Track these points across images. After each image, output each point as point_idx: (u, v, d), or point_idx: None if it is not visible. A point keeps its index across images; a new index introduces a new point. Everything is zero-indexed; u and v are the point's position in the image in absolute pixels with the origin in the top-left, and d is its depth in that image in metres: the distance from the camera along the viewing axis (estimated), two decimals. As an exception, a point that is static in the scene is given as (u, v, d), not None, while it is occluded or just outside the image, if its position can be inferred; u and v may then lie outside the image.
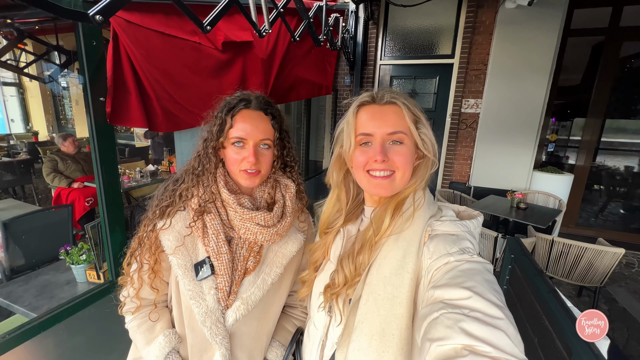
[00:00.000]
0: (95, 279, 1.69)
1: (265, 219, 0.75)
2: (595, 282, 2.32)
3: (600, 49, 3.67)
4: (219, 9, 1.46)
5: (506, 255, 1.72)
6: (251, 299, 0.75)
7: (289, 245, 0.82)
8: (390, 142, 0.60)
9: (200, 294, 0.73)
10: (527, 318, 1.36)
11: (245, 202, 0.77)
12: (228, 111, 0.75)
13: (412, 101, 0.63)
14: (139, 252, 0.76)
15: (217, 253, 0.74)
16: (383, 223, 0.60)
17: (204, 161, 0.77)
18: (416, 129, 0.61)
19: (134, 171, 3.90)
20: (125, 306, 0.79)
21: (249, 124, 0.75)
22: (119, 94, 1.32)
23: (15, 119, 7.27)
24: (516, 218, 2.75)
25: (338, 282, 0.61)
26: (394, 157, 0.59)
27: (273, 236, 0.76)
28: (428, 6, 3.34)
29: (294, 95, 3.08)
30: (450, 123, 3.89)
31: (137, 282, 0.76)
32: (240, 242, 0.78)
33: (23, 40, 3.68)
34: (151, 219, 0.77)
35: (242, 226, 0.75)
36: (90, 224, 1.55)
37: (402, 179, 0.61)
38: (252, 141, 0.75)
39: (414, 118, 0.61)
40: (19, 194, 4.85)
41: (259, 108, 0.77)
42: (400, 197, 0.61)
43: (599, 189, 4.13)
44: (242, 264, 0.77)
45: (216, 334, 0.72)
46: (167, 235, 0.74)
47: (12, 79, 6.87)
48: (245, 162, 0.75)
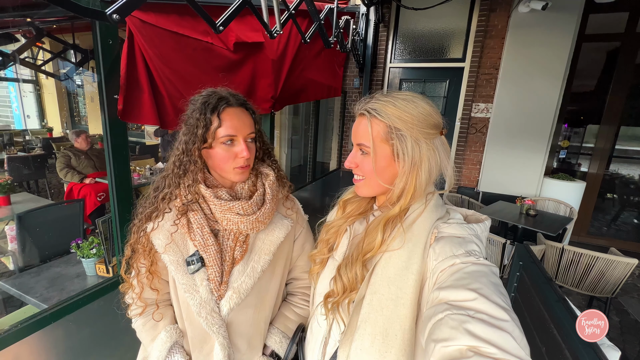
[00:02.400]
0: (105, 272, 1.72)
1: (243, 207, 0.76)
2: (606, 293, 2.27)
3: (615, 55, 3.59)
4: (231, 10, 1.49)
5: (514, 262, 1.69)
6: (242, 288, 0.77)
7: (275, 232, 0.83)
8: (360, 151, 0.63)
9: (193, 286, 0.75)
10: (534, 326, 1.34)
11: (222, 194, 0.78)
12: (212, 111, 0.73)
13: (400, 110, 0.57)
14: (134, 259, 0.78)
15: (204, 245, 0.76)
16: (375, 240, 0.60)
17: (186, 164, 0.76)
18: (389, 140, 0.59)
19: (144, 168, 3.97)
20: (132, 310, 0.82)
21: (236, 121, 0.75)
22: (131, 91, 1.35)
23: (31, 115, 7.47)
24: (525, 225, 2.70)
25: (337, 291, 0.62)
26: (361, 165, 0.63)
27: (254, 224, 0.77)
28: (439, 9, 3.32)
29: (303, 97, 3.10)
30: (460, 127, 3.85)
31: (137, 287, 0.79)
32: (225, 234, 0.79)
33: (41, 39, 3.80)
34: (139, 225, 0.79)
35: (223, 217, 0.76)
36: (101, 219, 1.58)
37: (372, 184, 0.63)
38: (241, 137, 0.75)
39: (386, 130, 0.59)
40: (32, 188, 4.97)
41: (239, 104, 0.77)
42: (391, 214, 0.60)
43: (612, 197, 4.03)
44: (229, 255, 0.79)
45: (212, 323, 0.75)
46: (157, 235, 0.77)
47: (29, 76, 7.06)
48: (238, 159, 0.75)
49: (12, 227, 2.26)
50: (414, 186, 0.59)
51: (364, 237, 0.63)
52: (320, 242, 0.73)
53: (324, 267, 0.72)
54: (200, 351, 0.78)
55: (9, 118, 7.85)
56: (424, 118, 0.58)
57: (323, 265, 0.72)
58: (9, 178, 2.86)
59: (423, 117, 0.58)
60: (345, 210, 0.73)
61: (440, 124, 0.61)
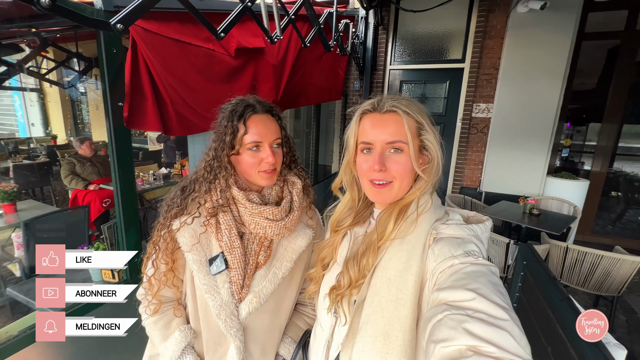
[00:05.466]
0: (110, 278, 1.73)
1: (273, 213, 0.78)
2: (612, 292, 2.25)
3: (616, 53, 3.59)
4: (232, 17, 1.51)
5: (518, 262, 1.69)
6: (263, 292, 0.78)
7: (298, 240, 0.84)
8: (390, 151, 0.61)
9: (215, 287, 0.76)
10: (540, 326, 1.33)
11: (254, 198, 0.80)
12: (239, 118, 0.76)
13: (416, 107, 0.62)
14: (155, 256, 0.79)
15: (230, 247, 0.77)
16: (387, 227, 0.60)
17: (216, 170, 0.79)
18: (418, 135, 0.62)
19: (147, 174, 4.00)
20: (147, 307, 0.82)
21: (262, 128, 0.77)
22: (136, 99, 1.37)
23: (35, 123, 7.55)
24: (529, 224, 2.69)
25: (343, 284, 0.63)
26: (392, 166, 0.61)
27: (281, 230, 0.78)
28: (438, 11, 3.34)
29: (304, 101, 3.11)
30: (461, 128, 3.85)
31: (156, 285, 0.79)
32: (251, 237, 0.81)
33: (45, 48, 3.85)
34: (163, 223, 0.80)
35: (251, 221, 0.78)
36: (107, 225, 1.60)
37: (400, 187, 0.62)
38: (267, 143, 0.77)
39: (415, 125, 0.62)
40: (38, 195, 5.02)
41: (265, 111, 0.80)
42: (405, 202, 0.62)
43: (617, 195, 4.00)
44: (253, 259, 0.80)
45: (230, 326, 0.75)
46: (183, 234, 0.77)
47: (33, 85, 7.15)
48: (264, 164, 0.77)
49: (19, 234, 2.28)
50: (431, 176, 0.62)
51: (374, 228, 0.64)
52: (316, 261, 0.74)
53: (318, 286, 0.73)
54: (214, 353, 0.78)
55: (14, 126, 7.95)
56: (428, 115, 0.63)
57: (318, 284, 0.73)
58: (15, 186, 2.89)
59: (428, 114, 0.63)
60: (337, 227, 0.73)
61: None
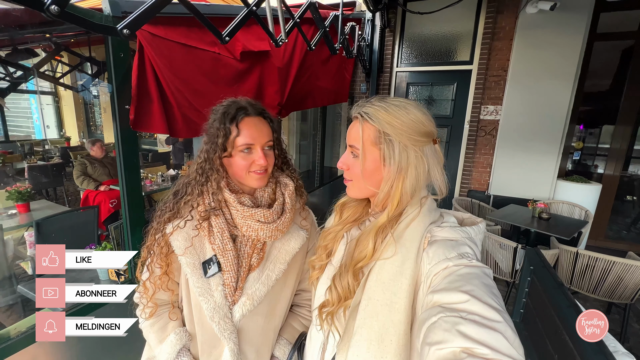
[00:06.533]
0: (117, 277, 1.77)
1: (265, 215, 0.78)
2: (625, 299, 2.18)
3: (630, 53, 3.50)
4: (237, 21, 1.53)
5: (525, 267, 1.66)
6: (256, 295, 0.78)
7: (291, 242, 0.84)
8: (351, 154, 0.64)
9: (208, 290, 0.76)
10: (547, 333, 1.30)
11: (245, 201, 0.80)
12: (231, 121, 0.76)
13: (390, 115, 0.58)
14: (150, 260, 0.80)
15: (223, 250, 0.77)
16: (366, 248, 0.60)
17: (208, 172, 0.79)
18: (378, 144, 0.60)
19: (156, 175, 4.07)
20: (143, 311, 0.83)
21: (254, 130, 0.77)
22: (142, 101, 1.40)
23: (50, 125, 7.78)
24: (538, 229, 2.63)
25: (332, 301, 0.62)
26: (351, 167, 0.65)
27: (274, 232, 0.78)
28: (446, 13, 3.32)
29: (309, 103, 3.13)
30: (469, 130, 3.81)
31: (151, 289, 0.80)
32: (244, 240, 0.81)
33: (60, 53, 3.97)
34: (157, 227, 0.81)
35: (243, 224, 0.78)
36: (114, 225, 1.63)
37: (360, 187, 0.64)
38: (259, 145, 0.78)
39: (375, 134, 0.59)
40: (51, 195, 5.15)
41: (257, 113, 0.80)
42: (380, 223, 0.60)
43: (632, 199, 3.88)
44: (246, 261, 0.80)
45: (224, 329, 0.75)
46: (176, 237, 0.78)
47: (48, 89, 7.37)
48: (254, 165, 0.78)
49: (31, 233, 2.35)
50: (399, 192, 0.59)
51: (354, 246, 0.63)
52: (319, 248, 0.74)
53: (322, 272, 0.72)
54: (209, 356, 0.79)
55: (30, 128, 8.20)
56: (414, 125, 0.58)
57: (322, 270, 0.72)
58: (29, 186, 2.98)
59: (413, 124, 0.58)
60: (342, 215, 0.73)
61: (432, 132, 0.60)
